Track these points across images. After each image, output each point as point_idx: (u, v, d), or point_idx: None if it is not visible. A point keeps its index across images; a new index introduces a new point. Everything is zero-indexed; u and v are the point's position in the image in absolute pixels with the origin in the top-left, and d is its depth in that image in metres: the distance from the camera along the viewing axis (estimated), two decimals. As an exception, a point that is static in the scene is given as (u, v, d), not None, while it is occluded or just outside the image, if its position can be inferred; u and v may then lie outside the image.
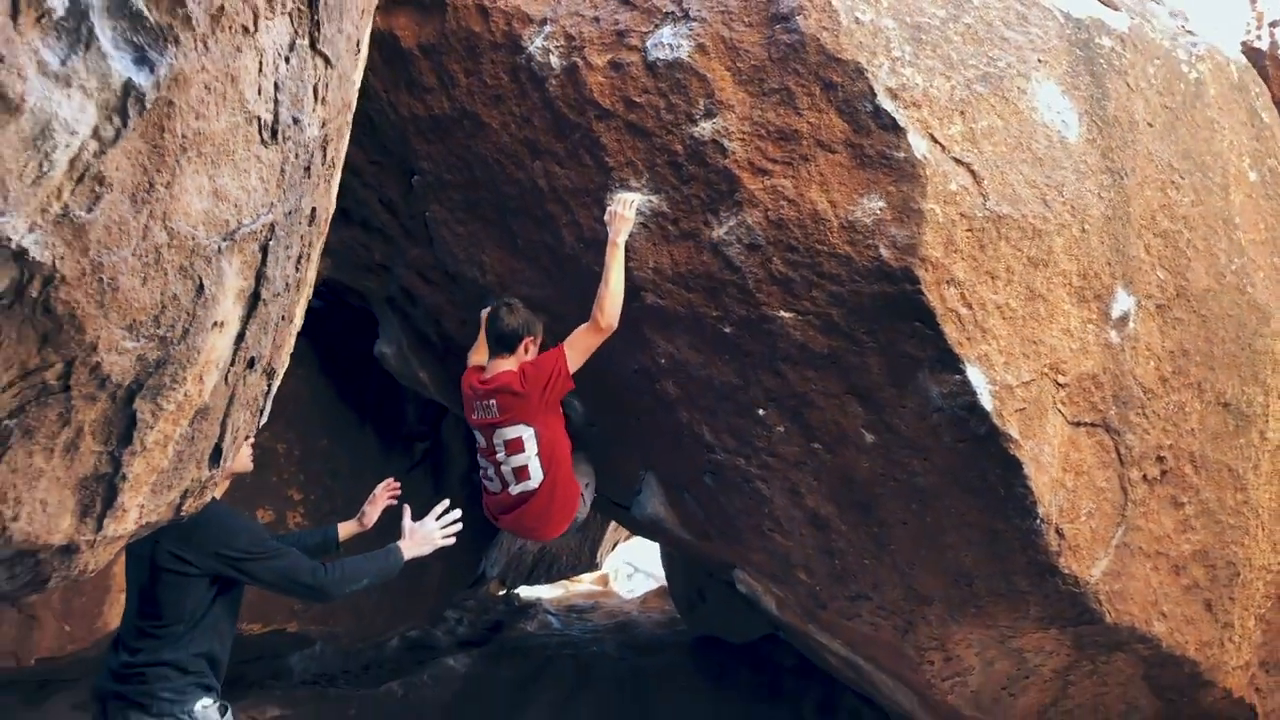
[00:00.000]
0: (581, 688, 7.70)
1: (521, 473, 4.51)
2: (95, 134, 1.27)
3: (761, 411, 4.41)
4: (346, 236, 5.47)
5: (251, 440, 3.64)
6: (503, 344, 4.46)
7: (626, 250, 4.21)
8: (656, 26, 4.03)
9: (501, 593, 9.85)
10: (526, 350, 4.47)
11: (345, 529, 4.39)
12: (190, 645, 3.43)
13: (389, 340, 5.92)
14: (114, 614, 5.95)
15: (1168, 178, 4.45)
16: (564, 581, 12.06)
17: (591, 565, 10.84)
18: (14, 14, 1.05)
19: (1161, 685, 4.94)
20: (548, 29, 4.27)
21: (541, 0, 4.34)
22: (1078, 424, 4.14)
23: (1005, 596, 4.38)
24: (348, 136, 2.55)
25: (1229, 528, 4.69)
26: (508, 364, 4.46)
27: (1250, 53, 6.33)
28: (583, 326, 4.25)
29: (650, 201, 4.18)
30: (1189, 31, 5.20)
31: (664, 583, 9.88)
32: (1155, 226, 4.37)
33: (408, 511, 4.04)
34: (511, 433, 4.44)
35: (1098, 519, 4.23)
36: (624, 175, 4.21)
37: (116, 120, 1.29)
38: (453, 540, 4.05)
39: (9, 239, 1.22)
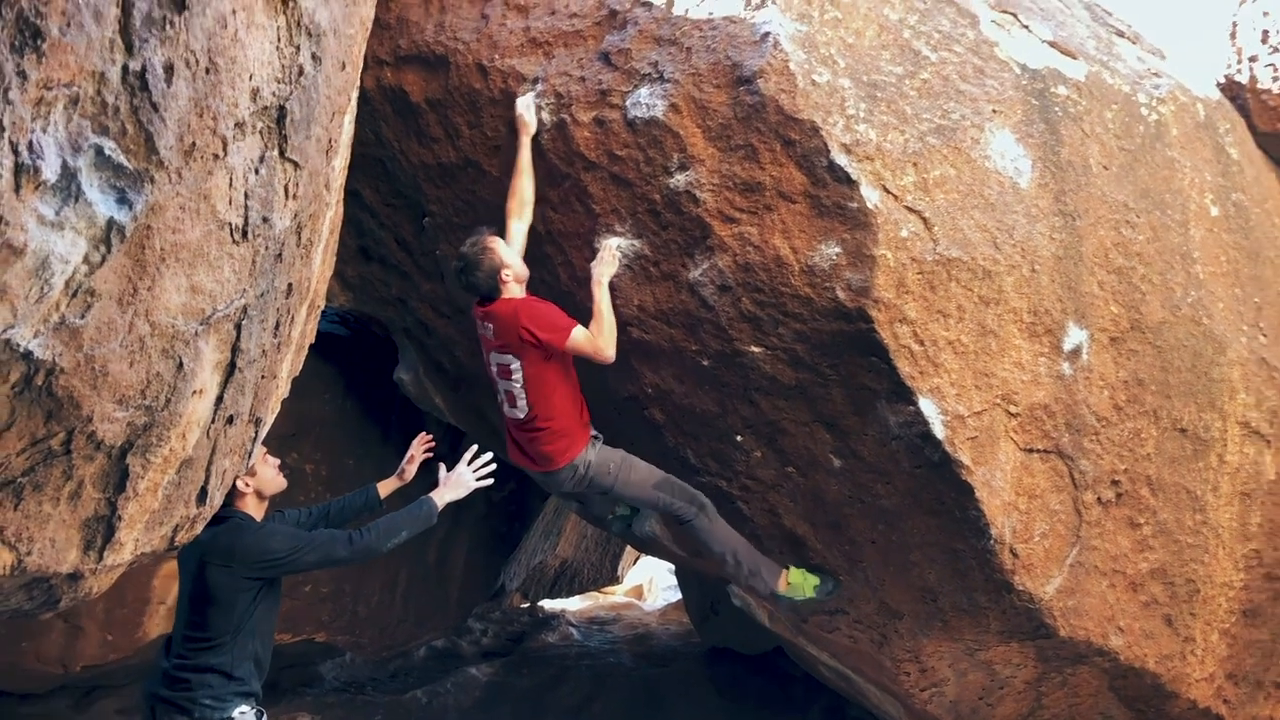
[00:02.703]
0: (597, 697, 8.05)
1: (510, 399, 4.53)
2: (85, 260, 1.64)
3: (739, 438, 4.74)
4: (366, 272, 5.90)
5: (278, 462, 4.01)
6: (489, 294, 4.45)
7: (614, 289, 4.56)
8: (635, 87, 4.38)
9: (524, 605, 10.22)
10: (505, 283, 4.41)
11: (386, 486, 4.67)
12: (235, 650, 3.72)
13: (407, 367, 6.32)
14: (153, 625, 6.41)
15: (1122, 217, 4.72)
16: (595, 593, 12.42)
17: (613, 578, 11.18)
18: (16, 187, 1.43)
19: (1129, 696, 5.19)
20: (539, 87, 4.63)
21: (534, 60, 4.70)
22: (1030, 450, 4.43)
23: (968, 612, 4.68)
24: (330, 212, 2.92)
25: (1188, 546, 4.94)
26: (508, 294, 4.47)
27: (1231, 86, 6.57)
28: (589, 336, 4.36)
29: (634, 245, 4.53)
30: (1155, 74, 5.46)
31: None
32: (1109, 264, 4.64)
33: (443, 467, 4.30)
34: (503, 358, 4.46)
35: (1052, 539, 4.51)
36: (609, 221, 4.57)
37: (102, 249, 1.66)
38: (489, 481, 4.27)
39: (18, 345, 1.60)
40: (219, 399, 2.29)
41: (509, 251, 4.47)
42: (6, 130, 1.38)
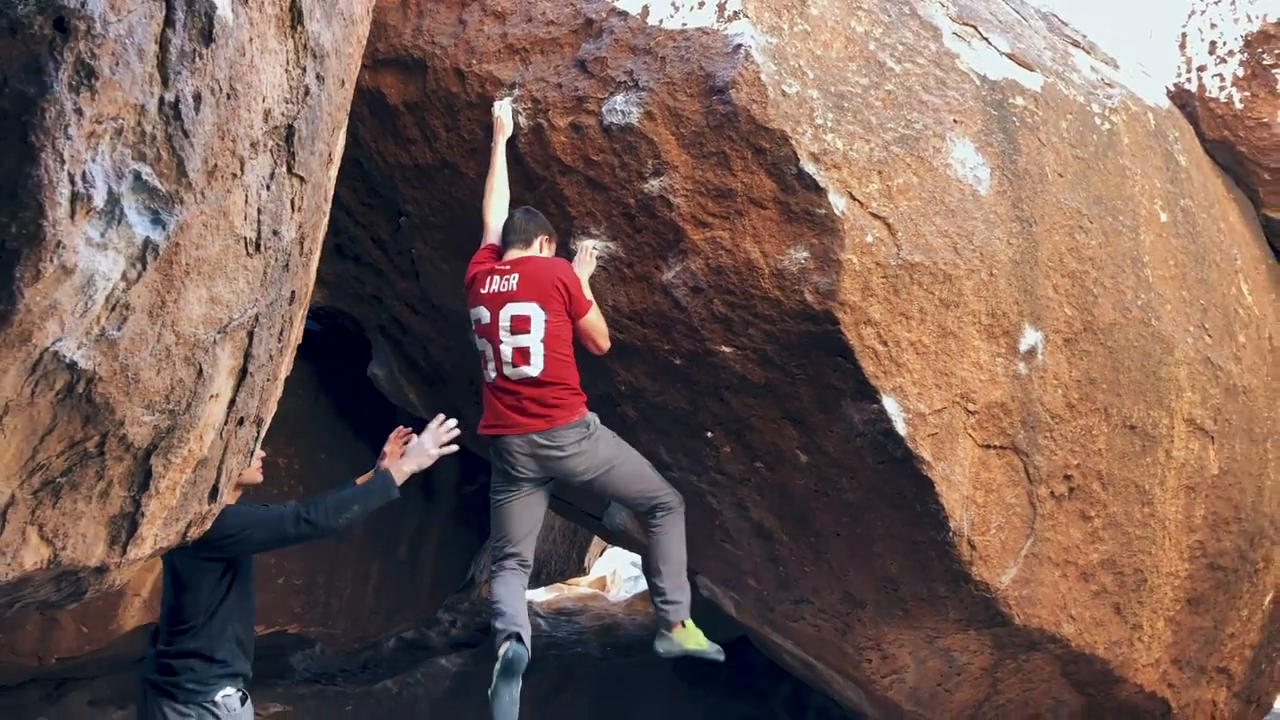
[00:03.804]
0: (565, 686, 8.21)
1: (521, 355, 4.42)
2: (124, 276, 1.77)
3: (710, 434, 4.91)
4: (341, 270, 6.00)
5: (262, 453, 4.11)
6: (520, 237, 4.53)
7: (590, 290, 4.70)
8: (611, 94, 4.52)
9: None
10: (541, 248, 4.55)
11: (364, 480, 4.53)
12: (212, 633, 3.83)
13: (381, 364, 6.43)
14: (128, 617, 6.47)
15: (1076, 223, 4.94)
16: (560, 585, 12.55)
17: (580, 570, 11.32)
18: (72, 214, 1.56)
19: (1080, 681, 5.43)
20: (516, 92, 4.76)
21: (511, 66, 4.83)
22: (987, 447, 4.64)
23: (927, 601, 4.89)
24: (325, 221, 3.05)
25: (1136, 538, 5.18)
26: (529, 252, 4.53)
27: (1181, 94, 6.82)
28: (600, 320, 4.55)
29: (609, 247, 4.68)
30: (1108, 84, 5.69)
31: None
32: (1063, 268, 4.86)
33: (412, 435, 4.26)
34: (523, 309, 4.41)
35: (1007, 531, 4.72)
36: (585, 223, 4.71)
37: (139, 266, 1.79)
38: (453, 449, 4.18)
39: (64, 355, 1.73)
40: (232, 402, 2.43)
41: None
42: (66, 163, 1.51)
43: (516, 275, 4.45)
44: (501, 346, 4.46)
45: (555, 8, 4.79)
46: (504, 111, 4.72)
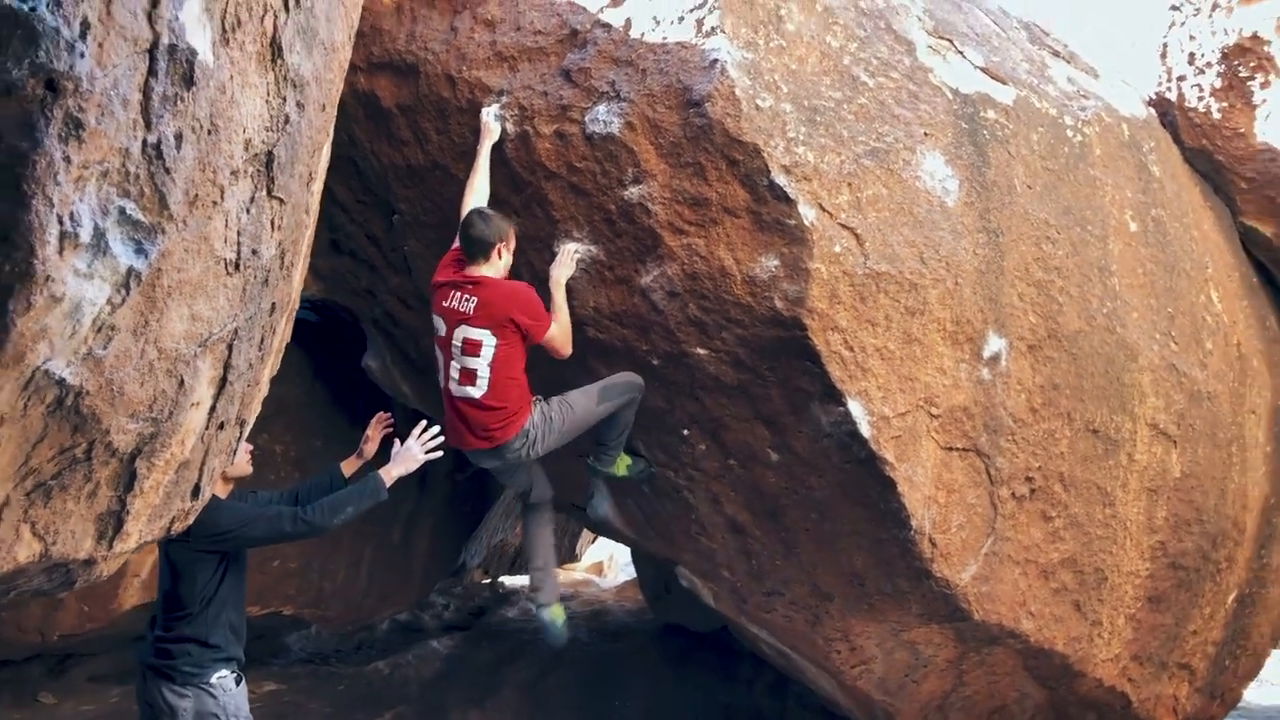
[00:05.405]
0: (553, 670, 8.42)
1: (468, 376, 4.56)
2: (109, 301, 1.95)
3: (686, 432, 5.10)
4: (337, 265, 6.19)
5: (250, 447, 4.32)
6: (479, 249, 4.57)
7: (571, 290, 4.88)
8: (594, 104, 4.69)
9: (486, 581, 10.57)
10: (500, 255, 4.60)
11: (349, 465, 4.85)
12: (207, 620, 4.07)
13: (375, 355, 6.63)
14: (128, 597, 6.70)
15: (1043, 233, 5.11)
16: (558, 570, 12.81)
17: (571, 556, 11.56)
18: (60, 250, 1.74)
19: (1042, 675, 5.62)
20: (504, 99, 4.93)
21: (499, 73, 5.00)
22: (950, 449, 4.82)
23: (891, 596, 5.08)
24: (308, 232, 3.23)
25: (1097, 538, 5.36)
26: (487, 269, 4.60)
27: (1161, 102, 6.97)
28: (556, 332, 4.65)
29: (590, 250, 4.86)
30: (1084, 95, 5.84)
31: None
32: (1029, 277, 5.02)
33: (397, 442, 4.53)
34: (475, 334, 4.51)
35: (968, 530, 4.91)
36: (568, 227, 4.89)
37: (123, 292, 1.98)
38: (439, 454, 4.44)
39: (54, 373, 1.92)
40: (212, 409, 2.62)
41: (514, 239, 4.70)
42: (55, 206, 1.69)
43: (475, 300, 4.53)
44: (452, 364, 4.61)
45: (543, 18, 4.95)
46: (492, 117, 4.90)
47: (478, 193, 4.90)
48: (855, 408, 4.57)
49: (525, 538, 5.31)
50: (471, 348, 4.54)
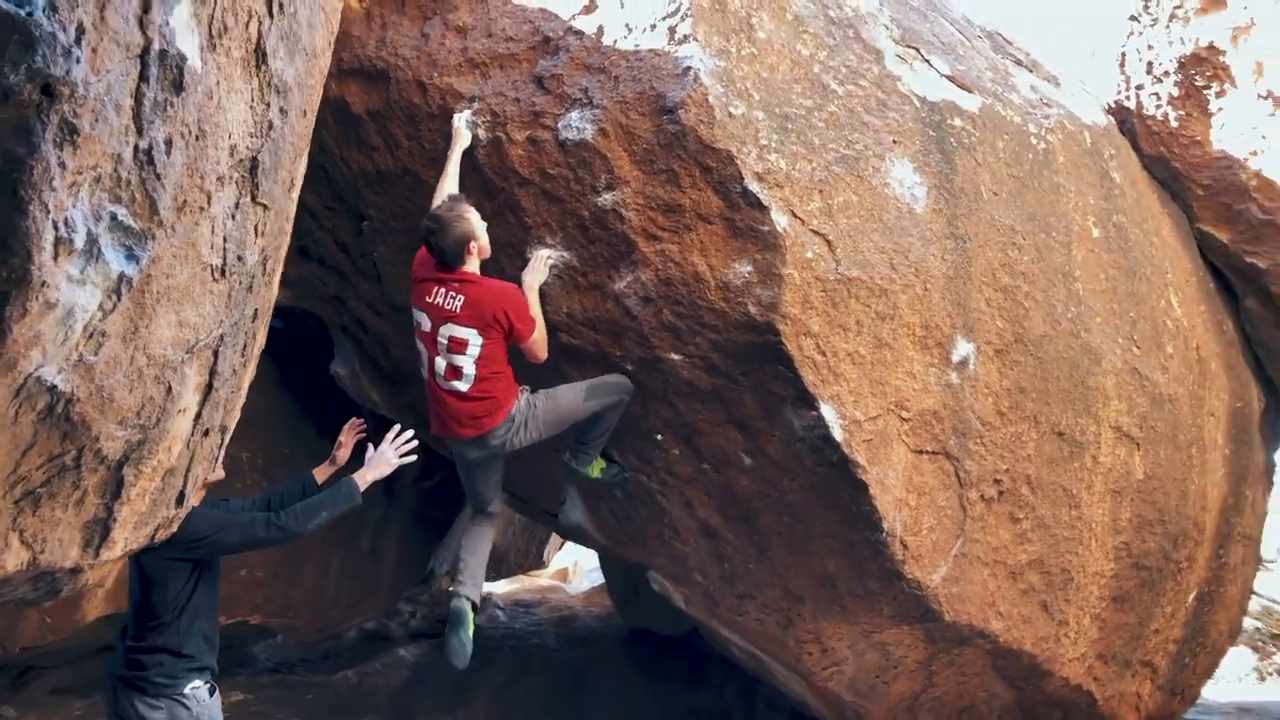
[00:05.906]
0: (522, 676, 8.42)
1: (454, 372, 4.57)
2: (100, 307, 1.95)
3: (659, 436, 5.13)
4: (305, 271, 6.16)
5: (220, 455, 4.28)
6: (452, 259, 4.51)
7: (544, 296, 4.89)
8: (566, 110, 4.71)
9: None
10: (471, 255, 4.54)
11: (321, 472, 4.82)
12: (180, 629, 4.01)
13: (344, 362, 6.60)
14: (91, 608, 6.61)
15: (1009, 239, 5.19)
16: (521, 576, 12.76)
17: (539, 563, 11.55)
18: (55, 256, 1.74)
19: (1010, 675, 5.70)
20: (476, 105, 4.94)
21: (471, 80, 5.00)
22: (920, 452, 4.88)
23: (863, 597, 5.13)
24: (287, 240, 3.23)
25: (1063, 540, 5.45)
26: (469, 265, 4.56)
27: (1120, 110, 7.10)
28: (539, 337, 4.68)
29: (564, 256, 4.87)
30: (1046, 103, 5.94)
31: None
32: (996, 282, 5.10)
33: (371, 446, 4.51)
34: (461, 333, 4.51)
35: (938, 532, 4.97)
36: (541, 233, 4.90)
37: (114, 297, 1.98)
38: (413, 458, 4.46)
39: (45, 380, 1.92)
40: (198, 415, 2.61)
41: (481, 225, 4.57)
42: (51, 212, 1.69)
43: (462, 298, 4.51)
44: (437, 359, 4.61)
45: (514, 25, 4.96)
46: (463, 123, 4.90)
47: (444, 197, 4.89)
48: (828, 412, 4.62)
49: (466, 541, 5.31)
50: (458, 345, 4.53)
